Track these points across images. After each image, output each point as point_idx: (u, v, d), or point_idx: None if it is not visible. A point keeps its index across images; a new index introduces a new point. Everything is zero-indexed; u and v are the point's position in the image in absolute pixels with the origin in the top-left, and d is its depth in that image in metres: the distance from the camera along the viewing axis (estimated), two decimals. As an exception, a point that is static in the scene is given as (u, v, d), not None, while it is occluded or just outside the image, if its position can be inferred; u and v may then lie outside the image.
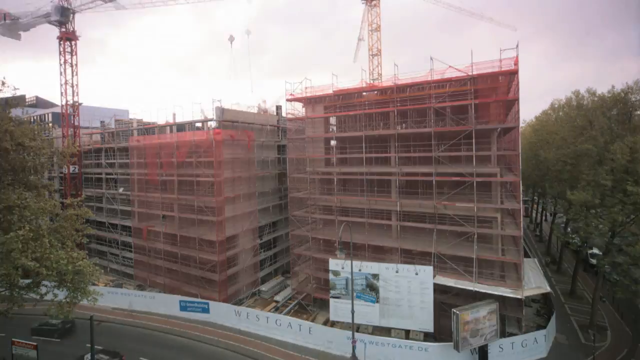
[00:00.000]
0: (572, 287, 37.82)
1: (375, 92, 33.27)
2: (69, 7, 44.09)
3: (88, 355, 23.21)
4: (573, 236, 34.24)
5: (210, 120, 36.50)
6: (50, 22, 43.96)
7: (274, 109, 48.03)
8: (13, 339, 24.37)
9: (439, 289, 27.08)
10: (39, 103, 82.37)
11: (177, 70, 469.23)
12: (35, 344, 23.69)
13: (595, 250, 36.71)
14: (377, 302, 27.79)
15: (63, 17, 43.74)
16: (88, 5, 43.96)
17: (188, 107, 36.51)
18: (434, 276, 26.56)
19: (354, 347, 24.24)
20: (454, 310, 23.76)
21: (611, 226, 26.61)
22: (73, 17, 44.86)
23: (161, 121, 41.82)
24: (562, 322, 30.90)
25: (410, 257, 29.07)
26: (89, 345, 23.39)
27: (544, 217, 66.83)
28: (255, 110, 42.22)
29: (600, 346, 27.67)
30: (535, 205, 69.76)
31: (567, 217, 35.36)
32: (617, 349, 27.61)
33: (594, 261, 38.66)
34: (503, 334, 26.03)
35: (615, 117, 29.73)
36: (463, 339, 23.38)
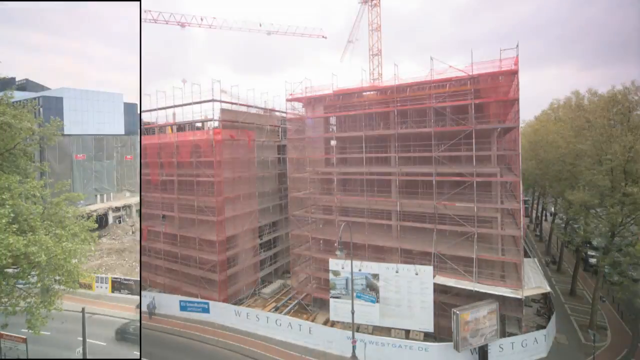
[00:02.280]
0: (572, 287, 37.85)
1: (376, 92, 33.29)
2: None
3: (79, 349, 22.78)
4: (573, 235, 34.23)
5: (210, 120, 36.50)
6: None
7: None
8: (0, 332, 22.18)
9: (439, 289, 27.06)
10: (29, 86, 75.29)
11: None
12: (24, 337, 22.11)
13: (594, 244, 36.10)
14: (377, 302, 27.79)
15: None
16: None
17: (188, 107, 36.33)
18: (434, 276, 26.55)
19: (354, 347, 24.26)
20: (454, 310, 23.75)
21: (611, 226, 26.63)
22: None
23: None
24: (562, 322, 30.88)
25: (410, 257, 29.07)
26: (80, 338, 23.04)
27: (544, 217, 66.87)
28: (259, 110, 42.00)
29: (600, 346, 27.67)
30: (535, 205, 69.83)
31: (567, 217, 35.37)
32: (617, 349, 27.61)
33: (593, 260, 38.69)
34: (503, 334, 26.03)
35: (614, 118, 29.77)
36: (463, 339, 23.37)
